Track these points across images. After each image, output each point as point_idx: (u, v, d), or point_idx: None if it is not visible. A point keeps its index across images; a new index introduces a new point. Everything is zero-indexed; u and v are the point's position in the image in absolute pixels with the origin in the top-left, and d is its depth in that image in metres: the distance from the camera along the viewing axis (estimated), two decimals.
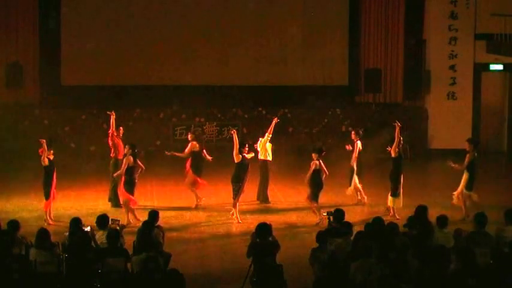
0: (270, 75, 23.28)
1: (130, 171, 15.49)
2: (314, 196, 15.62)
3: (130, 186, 15.46)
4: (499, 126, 23.85)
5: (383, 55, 23.79)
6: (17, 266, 10.16)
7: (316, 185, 15.61)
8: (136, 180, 15.67)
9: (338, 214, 12.02)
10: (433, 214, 12.17)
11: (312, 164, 15.65)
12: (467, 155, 15.67)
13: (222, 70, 23.12)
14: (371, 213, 15.52)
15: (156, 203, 17.05)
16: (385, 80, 23.62)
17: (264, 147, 16.93)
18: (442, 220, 11.63)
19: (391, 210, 15.80)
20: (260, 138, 17.15)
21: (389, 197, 15.78)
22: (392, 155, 15.72)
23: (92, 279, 10.42)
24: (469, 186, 15.67)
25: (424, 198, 15.60)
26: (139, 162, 15.98)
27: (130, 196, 15.41)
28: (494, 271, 9.75)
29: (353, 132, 17.33)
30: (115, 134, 16.81)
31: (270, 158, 16.99)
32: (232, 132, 16.19)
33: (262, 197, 17.11)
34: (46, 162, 15.22)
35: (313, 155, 15.75)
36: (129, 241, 11.94)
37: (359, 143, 16.94)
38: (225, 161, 16.58)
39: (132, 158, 15.49)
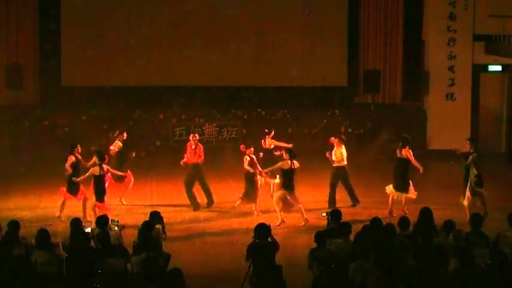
0: (269, 76, 23.31)
1: (98, 180, 15.23)
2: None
3: (100, 196, 15.17)
4: (498, 127, 23.89)
5: (382, 56, 23.81)
6: (18, 267, 10.19)
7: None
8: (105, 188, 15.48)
9: (335, 214, 12.06)
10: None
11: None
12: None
13: (222, 71, 23.11)
14: (370, 214, 15.53)
15: (156, 202, 17.10)
16: (384, 81, 23.63)
17: (341, 154, 16.69)
18: (450, 225, 11.45)
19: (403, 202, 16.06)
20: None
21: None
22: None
23: (92, 280, 10.45)
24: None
25: (423, 199, 15.63)
26: (111, 169, 15.78)
27: (103, 205, 15.14)
28: (494, 271, 9.80)
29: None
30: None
31: (345, 162, 16.74)
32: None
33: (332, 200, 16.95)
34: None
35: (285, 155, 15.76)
36: (129, 241, 12.00)
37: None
38: (225, 162, 16.63)
39: (98, 168, 15.17)
